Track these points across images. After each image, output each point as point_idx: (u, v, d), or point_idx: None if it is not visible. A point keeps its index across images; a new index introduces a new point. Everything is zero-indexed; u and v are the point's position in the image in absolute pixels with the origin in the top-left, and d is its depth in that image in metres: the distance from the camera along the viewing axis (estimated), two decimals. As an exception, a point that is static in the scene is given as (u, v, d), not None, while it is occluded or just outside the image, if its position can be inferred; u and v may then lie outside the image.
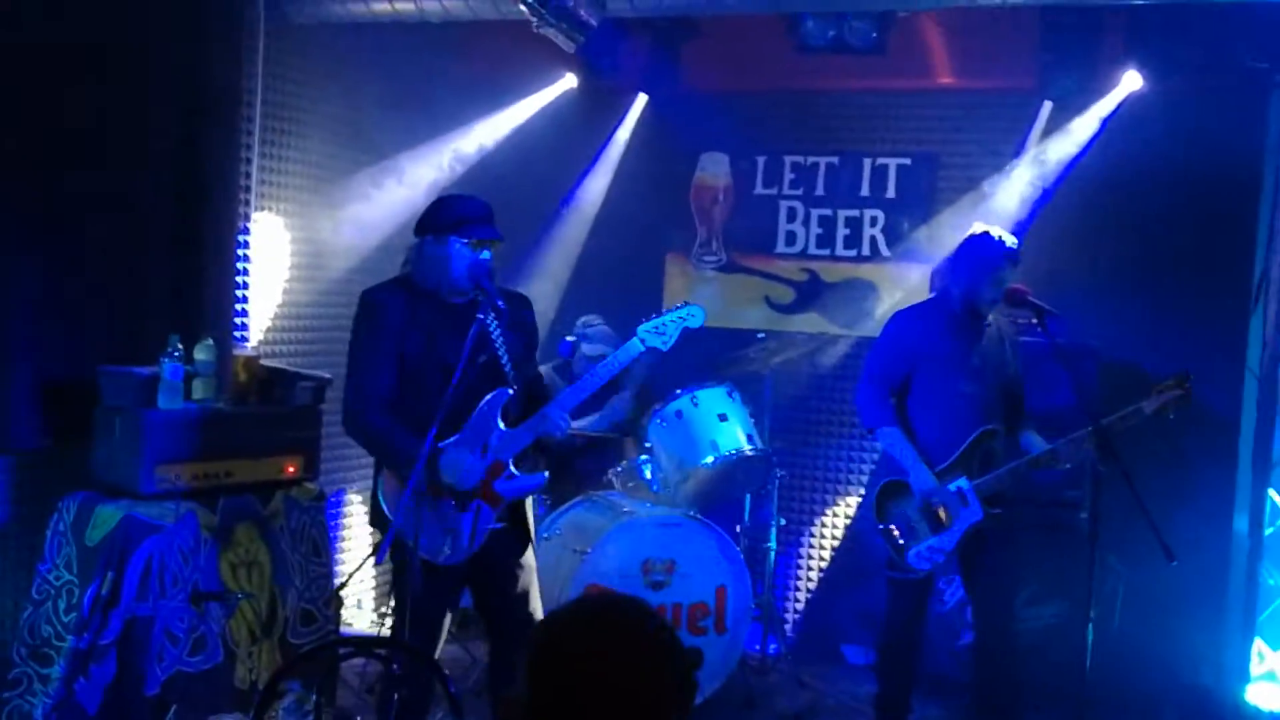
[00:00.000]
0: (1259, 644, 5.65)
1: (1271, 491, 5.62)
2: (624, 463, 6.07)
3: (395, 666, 3.64)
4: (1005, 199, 6.52)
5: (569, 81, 7.07)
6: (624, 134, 7.33)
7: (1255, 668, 5.63)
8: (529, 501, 4.31)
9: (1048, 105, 6.41)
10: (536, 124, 6.94)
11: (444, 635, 4.18)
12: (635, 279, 7.28)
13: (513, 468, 4.14)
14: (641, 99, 7.29)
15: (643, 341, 4.24)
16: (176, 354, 4.40)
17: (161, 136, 4.85)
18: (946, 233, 6.57)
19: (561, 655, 1.67)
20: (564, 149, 7.15)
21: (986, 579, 4.94)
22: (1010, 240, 4.92)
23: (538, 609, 4.29)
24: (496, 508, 4.13)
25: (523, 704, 1.67)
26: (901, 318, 5.09)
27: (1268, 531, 5.62)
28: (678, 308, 4.30)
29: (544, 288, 7.06)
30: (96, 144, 4.57)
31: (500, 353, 4.06)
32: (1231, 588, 5.90)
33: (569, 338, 6.26)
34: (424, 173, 6.31)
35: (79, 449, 4.44)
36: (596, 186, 7.36)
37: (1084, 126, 6.36)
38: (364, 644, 3.62)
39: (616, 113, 7.32)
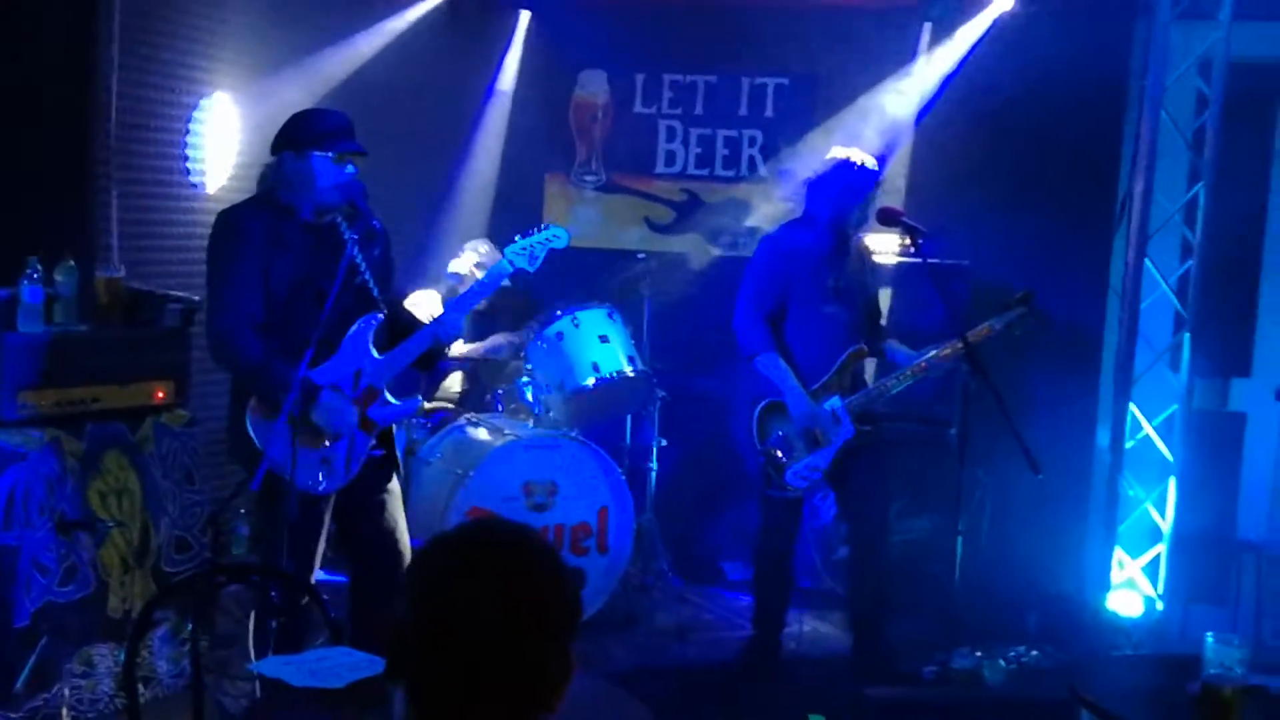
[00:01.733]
0: (1119, 553, 5.88)
1: (1132, 406, 5.82)
2: (504, 385, 6.07)
3: (273, 594, 3.61)
4: (880, 119, 6.57)
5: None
6: (512, 53, 7.18)
7: (1115, 576, 5.86)
8: (393, 429, 4.30)
9: (928, 27, 6.46)
10: (408, 40, 6.72)
11: (318, 562, 4.17)
12: (513, 199, 7.20)
13: (387, 395, 4.11)
14: (525, 16, 7.15)
15: (510, 263, 4.31)
16: (35, 276, 4.24)
17: (14, 45, 4.63)
18: (824, 153, 6.59)
19: (447, 576, 1.65)
20: (438, 67, 6.98)
21: (859, 495, 5.08)
22: (872, 164, 5.00)
23: (405, 538, 4.27)
24: (371, 434, 4.10)
25: (406, 627, 1.66)
26: (771, 242, 5.12)
27: (1128, 445, 5.83)
28: (542, 229, 4.36)
29: (421, 209, 6.95)
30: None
31: (368, 278, 4.00)
32: (1093, 499, 6.13)
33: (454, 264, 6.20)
34: (291, 91, 6.10)
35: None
36: (475, 104, 7.22)
37: (956, 47, 6.43)
38: (240, 571, 3.58)
39: (494, 28, 7.17)
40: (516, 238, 4.35)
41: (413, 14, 6.74)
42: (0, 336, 4.16)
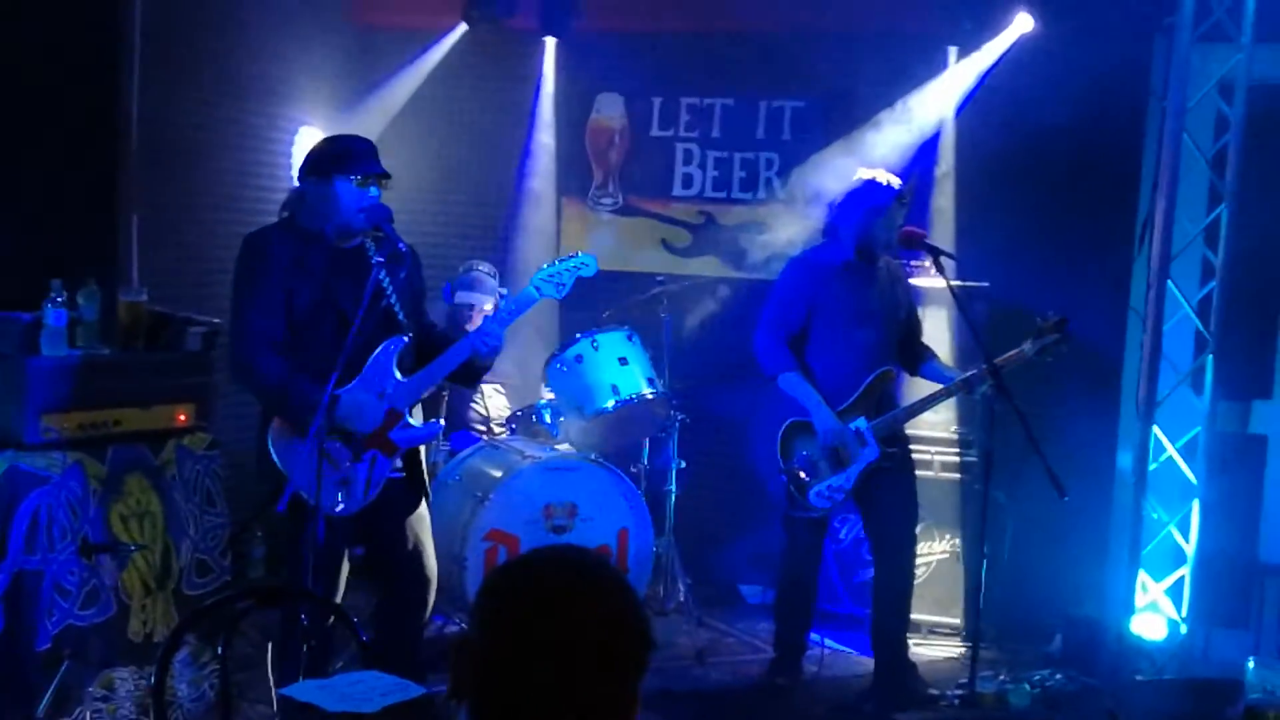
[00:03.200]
0: (1143, 576, 5.83)
1: (1155, 428, 5.79)
2: (521, 408, 6.06)
3: (303, 617, 3.59)
4: (899, 141, 6.55)
5: (461, 29, 6.95)
6: (546, 80, 7.18)
7: (1139, 599, 5.81)
8: (422, 453, 4.29)
9: (953, 51, 6.46)
10: (441, 74, 6.84)
11: (342, 585, 4.15)
12: (531, 222, 7.20)
13: (410, 418, 4.09)
14: (551, 43, 7.16)
15: (538, 290, 4.26)
16: (60, 299, 4.24)
17: (38, 66, 4.64)
18: (842, 175, 6.57)
19: (524, 604, 1.62)
20: (469, 97, 7.01)
21: (884, 517, 5.06)
22: (896, 182, 4.99)
23: (432, 562, 4.26)
24: (392, 457, 4.09)
25: (474, 650, 1.63)
26: (797, 265, 5.12)
27: (1151, 467, 5.79)
28: (571, 257, 4.32)
29: (445, 235, 6.96)
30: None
31: (394, 301, 3.99)
32: (1115, 522, 6.08)
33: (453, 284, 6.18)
34: (320, 118, 6.14)
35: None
36: (494, 128, 7.22)
37: (976, 68, 6.41)
38: (269, 596, 3.56)
39: (516, 57, 7.19)
40: (544, 264, 4.32)
41: (444, 45, 6.90)
42: (23, 360, 4.16)
